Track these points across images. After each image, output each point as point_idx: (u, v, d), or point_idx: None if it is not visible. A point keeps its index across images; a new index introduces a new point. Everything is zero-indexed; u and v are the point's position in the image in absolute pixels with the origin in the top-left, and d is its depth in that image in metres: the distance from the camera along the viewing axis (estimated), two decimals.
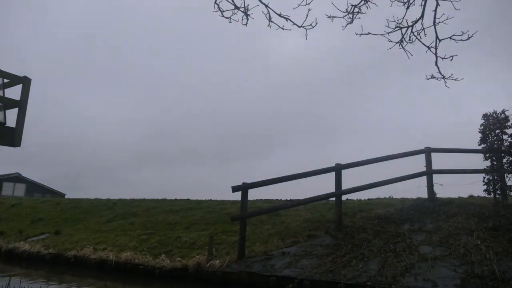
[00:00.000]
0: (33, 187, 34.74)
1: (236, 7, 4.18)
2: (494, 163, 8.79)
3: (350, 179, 9.05)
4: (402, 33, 4.62)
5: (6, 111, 5.15)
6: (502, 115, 8.83)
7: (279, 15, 4.24)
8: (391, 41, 4.64)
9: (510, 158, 8.58)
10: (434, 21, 4.35)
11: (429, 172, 9.74)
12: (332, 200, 9.33)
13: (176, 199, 14.85)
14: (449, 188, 9.98)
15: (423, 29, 4.50)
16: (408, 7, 4.44)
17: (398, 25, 4.52)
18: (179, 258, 7.99)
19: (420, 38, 4.56)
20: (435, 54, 4.47)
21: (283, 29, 4.31)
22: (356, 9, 4.51)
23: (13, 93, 5.22)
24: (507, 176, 8.59)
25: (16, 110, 5.09)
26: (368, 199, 11.47)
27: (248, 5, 4.16)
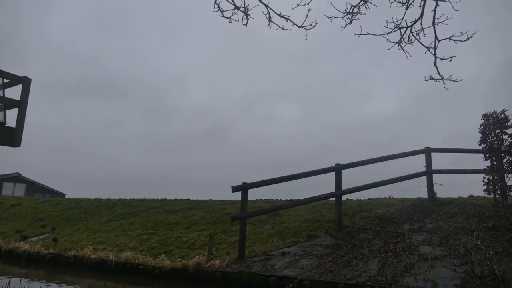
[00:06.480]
0: (33, 187, 34.72)
1: (236, 7, 4.18)
2: (494, 163, 8.79)
3: (350, 179, 9.06)
4: (401, 34, 4.62)
5: (6, 111, 5.15)
6: (502, 115, 8.84)
7: (279, 15, 4.24)
8: (390, 42, 4.64)
9: (510, 158, 8.59)
10: (434, 22, 4.34)
11: (429, 172, 9.75)
12: (332, 200, 9.34)
13: (176, 199, 14.86)
14: (449, 188, 9.99)
15: (422, 29, 4.50)
16: (407, 8, 4.44)
17: (397, 25, 4.52)
18: (179, 258, 8.00)
19: (420, 38, 4.56)
20: (434, 54, 4.47)
21: (283, 29, 4.31)
22: (355, 10, 4.50)
23: (13, 93, 5.22)
24: (507, 176, 8.60)
25: (16, 110, 5.08)
26: (368, 199, 11.48)
27: (248, 5, 4.17)
